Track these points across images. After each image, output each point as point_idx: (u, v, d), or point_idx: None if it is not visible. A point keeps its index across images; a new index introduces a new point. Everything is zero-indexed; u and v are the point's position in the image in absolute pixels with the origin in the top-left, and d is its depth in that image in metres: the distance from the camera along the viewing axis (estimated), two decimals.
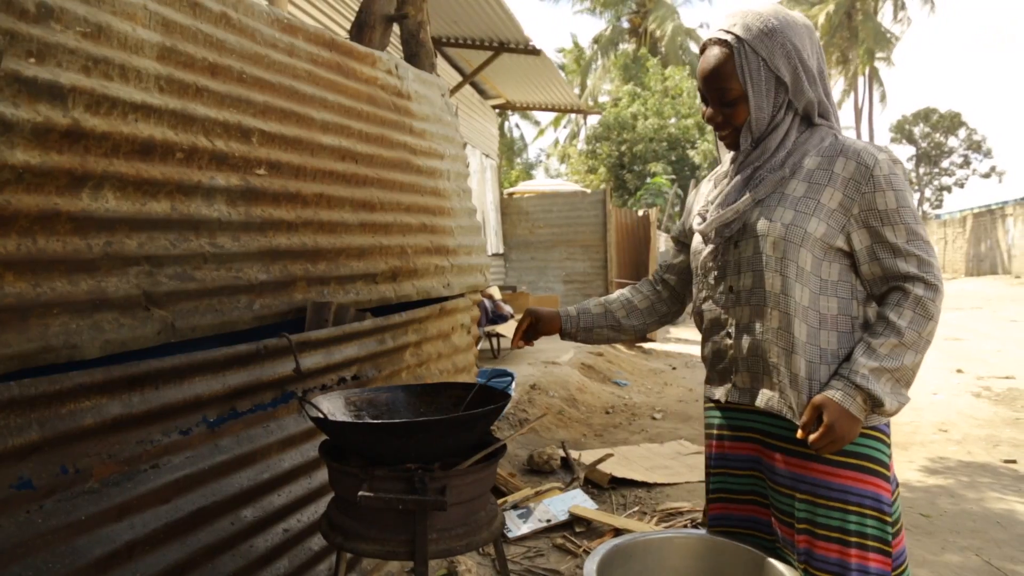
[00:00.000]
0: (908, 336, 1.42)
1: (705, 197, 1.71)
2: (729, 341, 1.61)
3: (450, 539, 1.59)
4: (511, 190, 12.57)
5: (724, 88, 1.53)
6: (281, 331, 2.09)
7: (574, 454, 4.20)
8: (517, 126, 35.33)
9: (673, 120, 21.13)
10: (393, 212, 2.83)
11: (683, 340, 10.86)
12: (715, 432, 1.71)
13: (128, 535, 1.57)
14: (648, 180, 19.76)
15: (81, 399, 1.52)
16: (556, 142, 34.49)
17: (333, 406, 1.80)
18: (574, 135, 32.34)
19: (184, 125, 1.84)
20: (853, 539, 1.45)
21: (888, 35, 26.81)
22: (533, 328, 1.85)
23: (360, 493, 1.50)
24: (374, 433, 1.55)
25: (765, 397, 1.54)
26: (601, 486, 3.81)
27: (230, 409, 1.92)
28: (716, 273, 1.63)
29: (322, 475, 2.22)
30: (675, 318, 1.96)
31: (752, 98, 1.51)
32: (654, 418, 5.58)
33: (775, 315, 1.51)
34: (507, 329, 6.80)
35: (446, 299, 3.16)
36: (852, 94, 33.80)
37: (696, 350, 9.54)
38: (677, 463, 4.23)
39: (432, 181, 3.21)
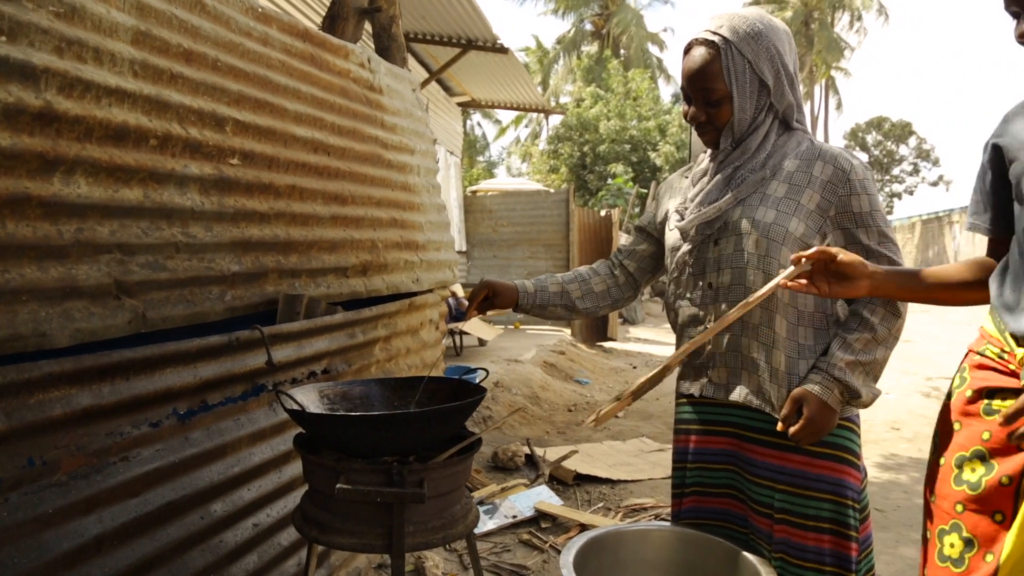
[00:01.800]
0: (880, 332, 1.48)
1: (683, 194, 1.73)
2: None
3: (426, 532, 1.59)
4: (474, 188, 12.56)
5: (709, 88, 1.56)
6: (253, 323, 2.06)
7: (538, 451, 4.22)
8: (479, 124, 35.27)
9: (635, 122, 21.33)
10: (364, 206, 2.81)
11: (643, 340, 10.98)
12: (691, 427, 1.73)
13: (96, 529, 1.54)
14: (609, 181, 19.92)
15: (50, 389, 1.48)
16: (517, 140, 34.54)
17: (307, 399, 1.78)
18: (535, 135, 32.43)
19: (158, 111, 1.80)
20: (826, 526, 1.50)
21: (843, 44, 27.48)
22: (489, 301, 1.84)
23: (338, 486, 1.50)
24: (353, 426, 1.55)
25: (743, 392, 1.58)
26: (566, 483, 3.84)
27: (201, 402, 1.89)
28: (694, 270, 1.66)
29: (292, 470, 2.19)
30: (628, 303, 1.99)
31: (736, 99, 1.55)
32: (616, 416, 5.63)
33: (756, 311, 1.54)
34: (470, 326, 6.80)
35: (415, 294, 3.15)
36: (809, 102, 34.55)
37: (655, 349, 9.69)
38: (640, 460, 4.28)
39: (402, 176, 3.20)
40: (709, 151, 1.68)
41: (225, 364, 1.95)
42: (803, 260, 1.37)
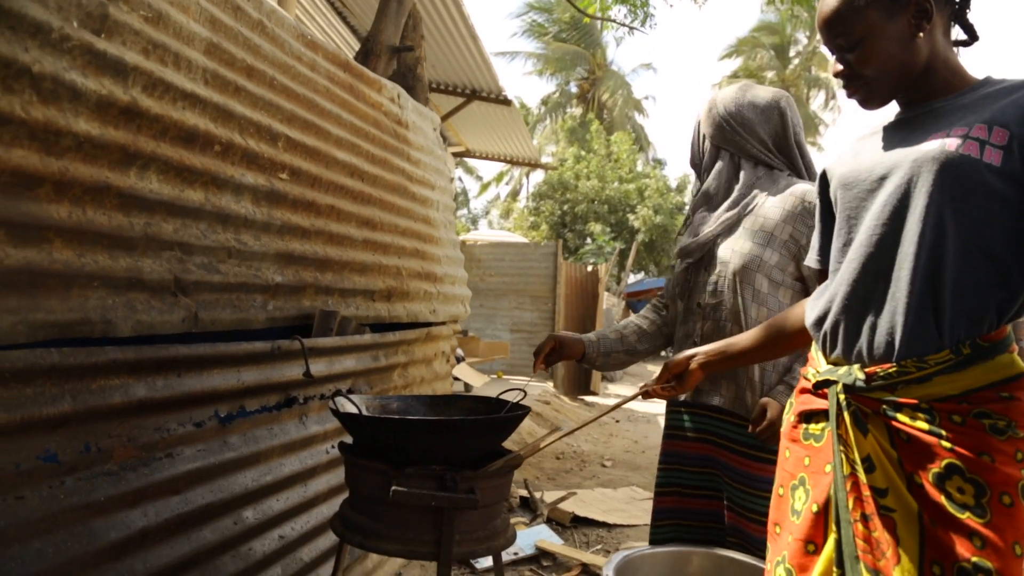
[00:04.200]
0: None
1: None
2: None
3: (472, 542, 1.60)
4: (463, 237, 12.67)
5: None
6: (289, 335, 2.08)
7: (535, 494, 4.20)
8: (460, 179, 35.63)
9: (616, 184, 21.73)
10: (391, 233, 2.87)
11: (621, 396, 11.00)
12: (676, 432, 1.95)
13: (142, 522, 1.53)
14: (589, 240, 20.17)
15: (112, 376, 1.49)
16: (497, 197, 34.94)
17: (353, 408, 1.80)
18: (516, 192, 32.84)
19: (224, 120, 1.86)
20: None
21: (818, 121, 28.48)
22: (556, 352, 1.93)
23: (393, 488, 1.51)
24: (410, 429, 1.57)
25: (722, 398, 1.83)
26: (563, 524, 3.82)
27: (240, 407, 1.89)
28: (685, 291, 1.93)
29: (316, 485, 2.19)
30: None
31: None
32: (604, 465, 5.63)
33: (734, 329, 1.79)
34: (460, 371, 6.79)
35: (431, 325, 3.18)
36: None
37: (634, 405, 9.72)
38: (632, 507, 4.28)
39: (424, 209, 3.27)
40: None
41: (265, 372, 1.96)
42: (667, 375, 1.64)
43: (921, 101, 1.23)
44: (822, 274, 1.40)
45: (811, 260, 1.44)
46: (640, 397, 1.80)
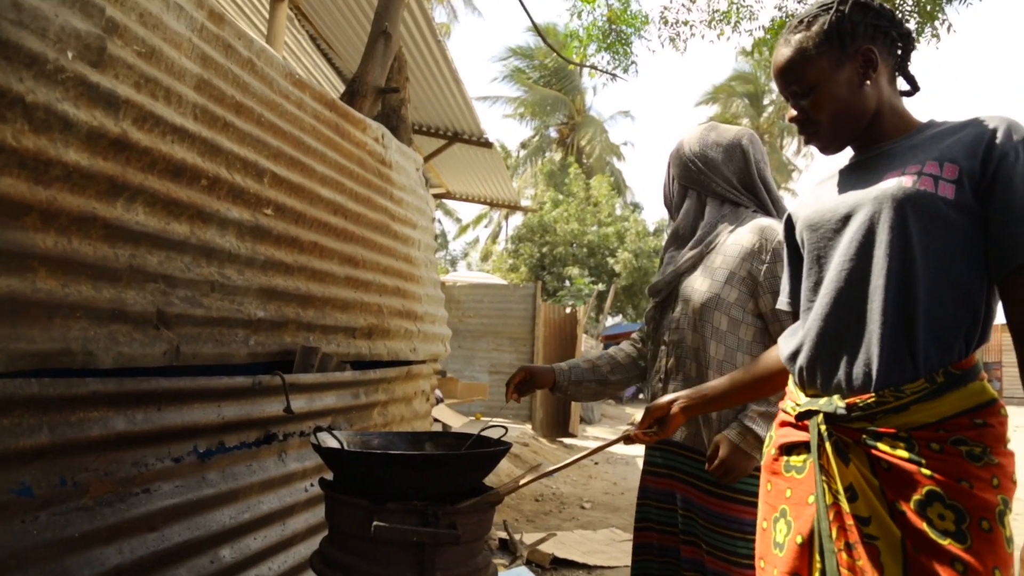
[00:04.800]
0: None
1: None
2: (660, 385, 1.90)
3: None
4: (443, 278, 12.69)
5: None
6: (270, 371, 2.07)
7: (514, 535, 4.14)
8: (439, 221, 35.77)
9: (595, 228, 21.94)
10: (373, 271, 2.88)
11: (599, 438, 10.95)
12: (649, 468, 1.96)
13: (116, 559, 1.50)
14: (567, 283, 20.28)
15: (91, 409, 1.47)
16: (476, 240, 35.08)
17: (334, 443, 1.78)
18: (495, 235, 33.02)
19: (211, 154, 1.87)
20: (744, 560, 1.67)
21: (791, 167, 29.06)
22: (527, 383, 1.94)
23: (375, 523, 1.49)
24: (391, 465, 1.56)
25: (682, 434, 1.84)
26: (543, 566, 3.77)
27: (219, 443, 1.87)
28: (655, 329, 1.96)
29: (295, 524, 2.15)
30: None
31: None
32: (583, 507, 5.58)
33: (693, 366, 1.82)
34: (439, 412, 6.74)
35: (411, 363, 3.18)
36: None
37: (615, 448, 9.67)
38: (613, 549, 4.24)
39: (405, 248, 3.28)
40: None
41: (245, 407, 1.95)
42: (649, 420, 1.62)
43: (873, 144, 1.31)
44: (793, 316, 1.44)
45: (782, 303, 1.49)
46: (623, 442, 1.79)
